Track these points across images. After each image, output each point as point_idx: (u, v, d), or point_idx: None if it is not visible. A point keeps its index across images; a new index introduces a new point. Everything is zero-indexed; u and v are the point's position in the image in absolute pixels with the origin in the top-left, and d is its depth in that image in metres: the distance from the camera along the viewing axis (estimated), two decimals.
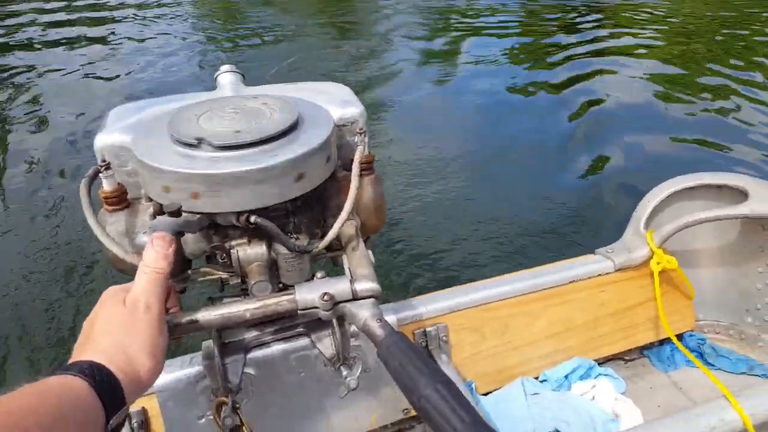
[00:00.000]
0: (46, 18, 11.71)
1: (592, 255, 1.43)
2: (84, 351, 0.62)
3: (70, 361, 0.62)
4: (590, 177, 4.25)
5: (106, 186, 0.87)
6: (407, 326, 1.20)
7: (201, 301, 0.90)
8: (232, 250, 0.86)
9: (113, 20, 11.57)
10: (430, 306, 1.23)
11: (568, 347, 1.38)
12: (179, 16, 11.55)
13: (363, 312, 0.76)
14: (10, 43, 9.46)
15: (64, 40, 9.49)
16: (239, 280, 0.90)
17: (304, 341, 1.02)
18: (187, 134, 0.81)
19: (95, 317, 0.66)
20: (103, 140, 0.90)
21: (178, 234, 0.77)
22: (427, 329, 1.21)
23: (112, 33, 10.03)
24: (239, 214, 0.81)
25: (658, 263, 1.37)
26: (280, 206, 0.85)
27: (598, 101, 5.89)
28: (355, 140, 0.97)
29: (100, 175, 0.86)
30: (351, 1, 12.40)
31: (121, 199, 0.89)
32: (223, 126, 0.84)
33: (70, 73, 7.62)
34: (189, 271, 0.93)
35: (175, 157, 0.79)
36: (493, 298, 1.28)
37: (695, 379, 1.41)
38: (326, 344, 1.00)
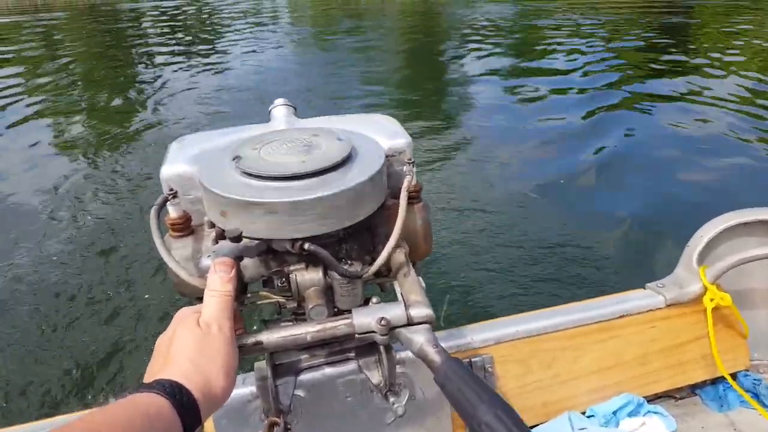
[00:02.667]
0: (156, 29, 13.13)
1: (642, 289, 1.42)
2: (162, 370, 0.65)
3: (147, 378, 0.66)
4: (639, 210, 4.19)
5: (173, 213, 0.93)
6: (453, 355, 1.21)
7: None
8: (290, 275, 0.90)
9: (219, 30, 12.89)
10: (476, 336, 1.24)
11: (616, 383, 1.36)
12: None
13: (418, 337, 0.78)
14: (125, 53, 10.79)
15: (173, 51, 10.66)
16: (296, 304, 0.94)
17: (352, 366, 1.04)
18: (250, 165, 0.86)
19: (171, 337, 0.70)
20: (168, 171, 0.96)
21: (238, 258, 0.81)
22: (473, 359, 1.22)
23: (212, 50, 11.13)
24: (294, 241, 0.85)
25: (712, 300, 1.35)
26: (333, 233, 0.89)
27: (655, 132, 5.82)
28: (404, 170, 1.00)
29: (168, 203, 0.92)
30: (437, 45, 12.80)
31: (186, 226, 0.94)
32: (282, 157, 0.89)
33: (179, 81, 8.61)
34: (248, 295, 0.98)
35: (238, 186, 0.83)
36: (541, 330, 1.28)
37: (750, 420, 1.37)
38: (373, 370, 1.02)
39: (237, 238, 0.80)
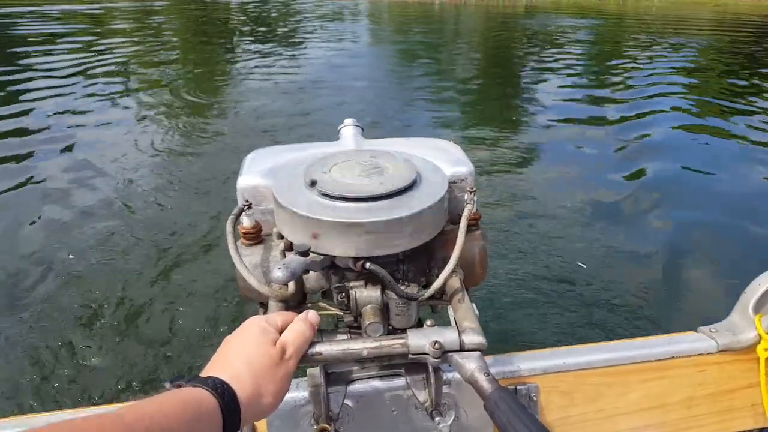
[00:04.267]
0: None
1: (694, 332, 1.40)
2: (221, 368, 0.71)
3: (206, 372, 0.71)
4: (695, 247, 4.08)
5: (246, 223, 1.00)
6: (499, 381, 1.23)
7: None
8: (350, 291, 0.95)
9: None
10: (523, 364, 1.25)
11: (660, 423, 1.35)
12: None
13: (470, 364, 0.82)
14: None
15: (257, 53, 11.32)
16: (352, 319, 0.99)
17: (400, 382, 1.08)
18: (321, 185, 0.92)
19: (238, 341, 0.76)
20: (244, 182, 1.04)
21: (303, 271, 0.87)
22: (518, 387, 1.24)
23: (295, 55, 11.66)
24: (356, 259, 0.90)
25: (766, 349, 1.33)
26: (392, 255, 0.94)
27: (726, 165, 5.62)
28: (465, 198, 1.04)
29: (243, 213, 0.99)
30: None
31: (257, 235, 1.01)
32: (351, 179, 0.95)
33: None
34: (307, 304, 1.04)
35: (309, 204, 0.90)
36: (588, 364, 1.28)
37: None
38: (421, 389, 1.06)
39: (305, 253, 0.86)
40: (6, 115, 7.21)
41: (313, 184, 0.93)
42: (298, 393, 1.08)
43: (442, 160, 1.10)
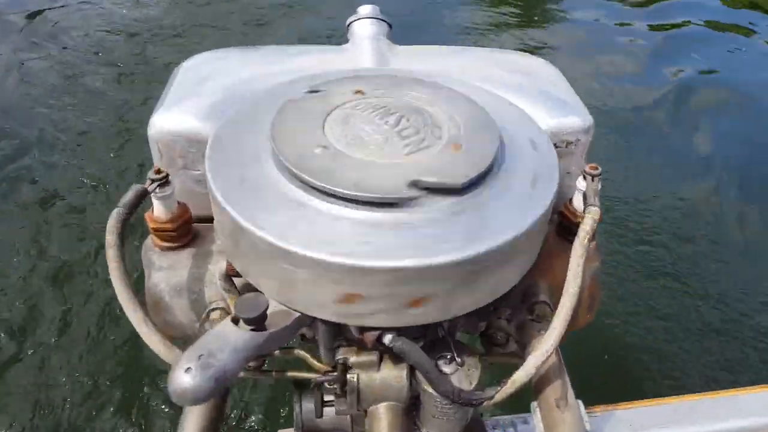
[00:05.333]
0: None
1: None
2: None
3: None
4: None
5: (160, 211, 0.52)
6: None
7: None
8: (349, 376, 0.50)
9: None
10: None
11: None
12: None
13: None
14: None
15: None
16: (353, 410, 0.54)
17: None
18: (308, 161, 0.43)
19: None
20: (163, 123, 0.55)
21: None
22: None
23: None
24: (365, 328, 0.46)
25: None
26: None
27: None
28: (580, 185, 0.54)
29: (153, 194, 0.50)
30: None
31: (182, 233, 0.54)
32: (365, 149, 0.46)
33: None
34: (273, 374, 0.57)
35: (276, 203, 0.43)
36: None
37: None
38: None
39: (255, 320, 0.40)
40: None
41: (286, 158, 0.44)
42: None
43: (530, 95, 0.59)
